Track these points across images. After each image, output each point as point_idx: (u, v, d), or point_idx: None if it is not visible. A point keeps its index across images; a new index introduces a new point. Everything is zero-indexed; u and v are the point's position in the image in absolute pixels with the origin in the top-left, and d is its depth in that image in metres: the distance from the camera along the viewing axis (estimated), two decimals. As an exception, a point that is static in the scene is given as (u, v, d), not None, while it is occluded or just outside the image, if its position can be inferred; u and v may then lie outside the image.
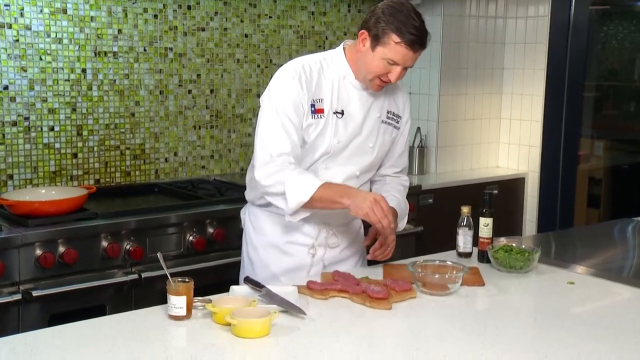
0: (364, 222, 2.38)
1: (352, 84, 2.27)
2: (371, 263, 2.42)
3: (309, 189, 2.11)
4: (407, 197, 2.43)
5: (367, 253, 2.32)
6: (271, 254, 2.34)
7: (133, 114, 3.53)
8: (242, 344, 1.71)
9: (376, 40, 2.16)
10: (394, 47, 2.14)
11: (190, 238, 3.03)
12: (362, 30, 2.20)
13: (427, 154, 4.30)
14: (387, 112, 2.35)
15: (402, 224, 2.40)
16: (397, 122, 2.39)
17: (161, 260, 2.00)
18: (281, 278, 2.30)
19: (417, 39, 2.14)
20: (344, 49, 2.29)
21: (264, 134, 2.19)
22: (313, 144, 2.24)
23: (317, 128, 2.22)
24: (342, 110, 2.25)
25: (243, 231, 2.44)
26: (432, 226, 3.86)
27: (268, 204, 2.29)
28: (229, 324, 1.78)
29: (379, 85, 2.24)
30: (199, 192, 3.36)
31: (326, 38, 4.10)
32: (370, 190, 2.45)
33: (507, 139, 4.58)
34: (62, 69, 3.31)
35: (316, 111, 2.21)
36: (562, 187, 4.35)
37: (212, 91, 3.77)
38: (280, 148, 2.16)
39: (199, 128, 3.75)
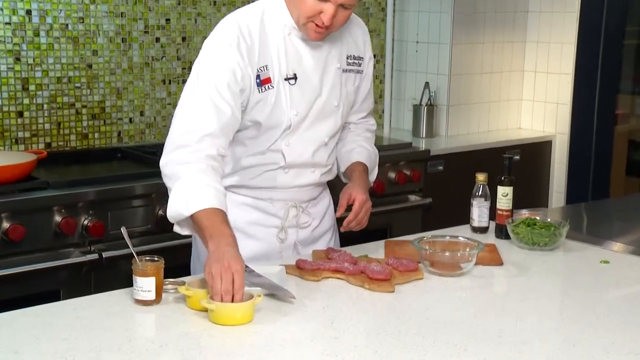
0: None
1: (300, 39, 2.21)
2: (347, 239, 2.44)
3: (194, 205, 1.99)
4: (412, 164, 2.45)
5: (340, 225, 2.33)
6: None
7: (90, 66, 3.51)
8: (221, 332, 1.73)
9: None
10: None
11: (160, 212, 3.04)
12: None
13: (437, 114, 4.30)
14: (347, 58, 2.31)
15: (373, 176, 2.46)
16: (360, 65, 2.35)
17: (125, 236, 2.01)
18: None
19: None
20: None
21: (184, 114, 2.11)
22: (267, 124, 2.20)
23: (268, 103, 2.17)
24: (294, 75, 2.20)
25: None
26: (442, 197, 3.88)
27: (229, 186, 2.27)
28: (205, 310, 1.80)
29: (317, 32, 2.15)
30: (169, 158, 3.36)
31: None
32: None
33: (531, 96, 4.58)
34: (1, 9, 3.28)
35: (262, 82, 2.16)
36: (595, 151, 4.37)
37: (184, 39, 3.75)
38: (200, 132, 2.07)
39: (169, 83, 3.74)
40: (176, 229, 2.11)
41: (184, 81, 3.74)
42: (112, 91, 3.59)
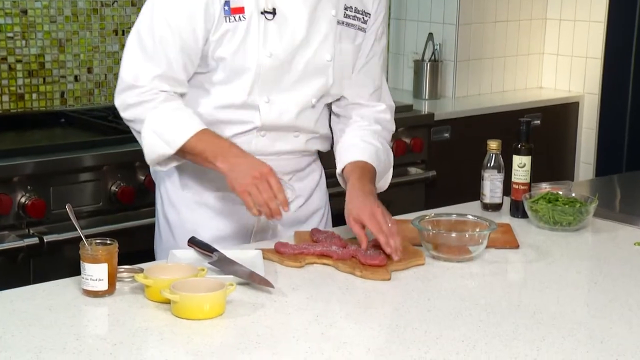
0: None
1: None
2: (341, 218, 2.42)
3: (175, 139, 2.13)
4: (413, 130, 2.44)
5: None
6: (199, 215, 2.34)
7: (25, 12, 3.49)
8: (186, 327, 1.74)
9: None
10: None
11: (113, 187, 3.04)
12: None
13: (443, 71, 4.31)
14: (346, 9, 2.29)
15: (385, 183, 2.39)
16: (364, 22, 2.33)
17: (71, 216, 2.01)
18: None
19: None
20: None
21: (133, 50, 2.18)
22: (233, 63, 2.19)
23: (236, 37, 2.17)
24: (273, 9, 2.19)
25: (155, 185, 2.45)
26: (448, 169, 3.90)
27: None
28: (167, 301, 1.81)
29: None
30: (123, 124, 3.34)
31: None
32: (332, 133, 2.43)
33: (555, 49, 4.59)
34: None
35: (232, 11, 2.16)
36: (631, 114, 4.38)
37: (138, -20, 3.74)
38: (152, 70, 2.15)
39: (122, 33, 3.72)
40: (156, 168, 2.24)
41: (140, 31, 3.74)
42: (52, 43, 3.57)
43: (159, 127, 2.15)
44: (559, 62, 4.58)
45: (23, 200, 2.88)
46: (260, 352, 1.65)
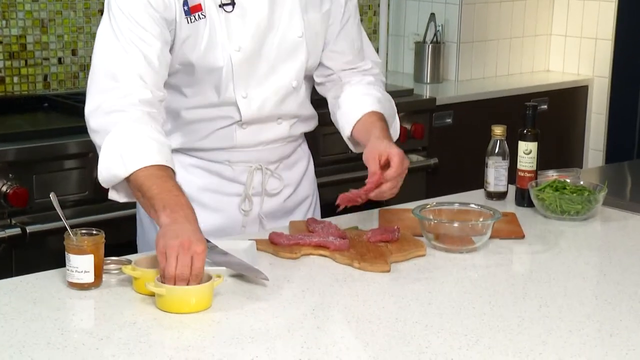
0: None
1: None
2: (331, 209, 2.42)
3: (128, 164, 1.98)
4: (414, 116, 2.44)
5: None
6: None
7: (7, -9, 3.49)
8: (177, 321, 1.74)
9: None
10: None
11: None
12: None
13: (445, 54, 4.31)
14: None
15: (395, 132, 2.40)
16: None
17: (56, 205, 2.01)
18: None
19: None
20: None
21: (104, 52, 2.12)
22: (202, 65, 2.19)
23: (200, 37, 2.17)
24: (231, 0, 2.19)
25: None
26: (451, 156, 3.91)
27: (177, 148, 2.27)
28: (154, 294, 1.81)
29: None
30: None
31: None
32: (327, 99, 2.43)
33: (563, 30, 4.59)
34: None
35: (191, 10, 2.15)
36: (643, 99, 4.39)
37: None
38: (128, 70, 2.08)
39: (107, 13, 3.72)
40: (112, 195, 2.10)
41: (127, 11, 3.73)
42: (34, 23, 3.56)
43: (122, 145, 2.01)
44: (568, 44, 4.58)
45: (4, 188, 2.88)
46: (254, 346, 1.66)
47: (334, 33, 2.37)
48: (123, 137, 2.02)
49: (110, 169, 2.02)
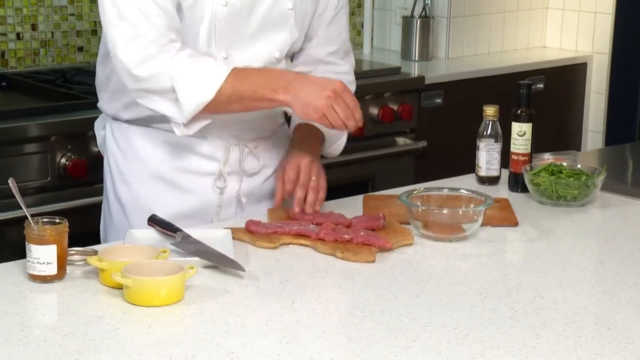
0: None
1: None
2: None
3: (213, 81, 2.10)
4: (401, 96, 2.45)
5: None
6: (154, 190, 2.34)
7: (-39, -40, 3.47)
8: (146, 315, 1.74)
9: None
10: None
11: (63, 160, 3.04)
12: None
13: (434, 29, 4.31)
14: None
15: (337, 149, 2.47)
16: None
17: (15, 192, 2.00)
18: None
19: None
20: None
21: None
22: (190, 14, 2.20)
23: None
24: None
25: (104, 158, 2.44)
26: (440, 138, 3.91)
27: (146, 119, 2.28)
28: (122, 287, 1.81)
29: None
30: (74, 88, 3.35)
31: None
32: None
33: (561, 3, 4.59)
34: None
35: None
36: (645, 77, 4.40)
37: None
38: (152, 16, 2.12)
39: (72, -14, 3.70)
40: (182, 132, 2.17)
41: (93, -16, 3.72)
42: (-7, -3, 3.54)
43: (193, 71, 2.12)
44: (565, 18, 4.59)
45: (-39, 175, 2.87)
46: (230, 341, 1.66)
47: (327, 19, 2.40)
48: (188, 66, 2.12)
49: (197, 99, 2.11)
